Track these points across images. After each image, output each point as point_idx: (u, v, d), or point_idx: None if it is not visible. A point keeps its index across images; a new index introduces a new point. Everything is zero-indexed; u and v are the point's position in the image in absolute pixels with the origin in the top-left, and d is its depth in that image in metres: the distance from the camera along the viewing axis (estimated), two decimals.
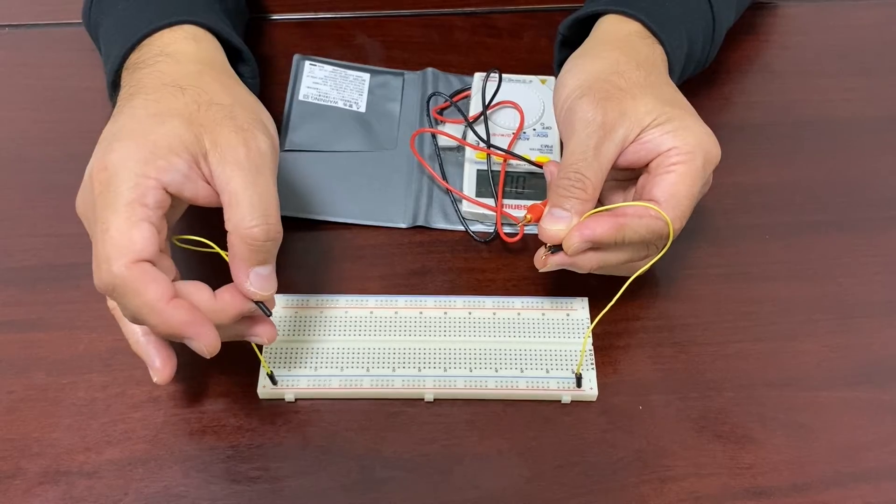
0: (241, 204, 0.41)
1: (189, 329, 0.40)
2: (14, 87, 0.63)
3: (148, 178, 0.40)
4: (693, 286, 0.54)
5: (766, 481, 0.46)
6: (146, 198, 0.40)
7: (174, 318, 0.40)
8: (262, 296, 0.42)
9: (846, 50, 0.67)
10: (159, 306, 0.39)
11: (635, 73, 0.48)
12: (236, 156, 0.41)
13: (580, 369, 0.49)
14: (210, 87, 0.44)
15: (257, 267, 0.42)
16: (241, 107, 0.44)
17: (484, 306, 0.52)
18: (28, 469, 0.46)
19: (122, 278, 0.39)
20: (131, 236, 0.39)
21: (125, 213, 0.39)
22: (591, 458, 0.47)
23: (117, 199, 0.40)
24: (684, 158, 0.46)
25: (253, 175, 0.41)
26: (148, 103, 0.43)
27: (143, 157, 0.40)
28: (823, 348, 0.51)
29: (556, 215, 0.46)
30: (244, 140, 0.42)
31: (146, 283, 0.39)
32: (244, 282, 0.42)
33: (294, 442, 0.47)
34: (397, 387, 0.48)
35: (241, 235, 0.41)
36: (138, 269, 0.39)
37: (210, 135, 0.42)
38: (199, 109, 0.43)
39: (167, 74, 0.45)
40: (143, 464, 0.46)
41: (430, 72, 0.63)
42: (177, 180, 0.41)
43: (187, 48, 0.48)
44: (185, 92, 0.44)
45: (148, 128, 0.42)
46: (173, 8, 0.50)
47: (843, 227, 0.57)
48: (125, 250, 0.39)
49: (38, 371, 0.49)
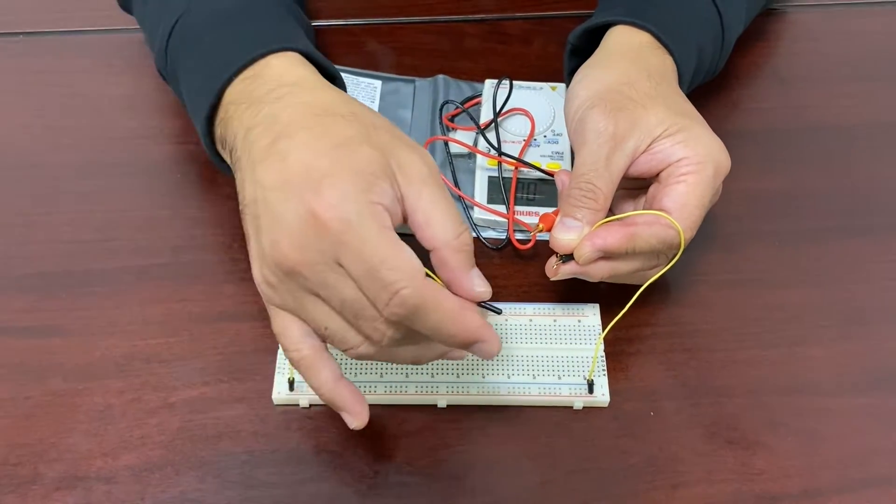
0: (441, 219, 0.40)
1: (485, 332, 0.40)
2: (29, 94, 0.63)
3: (375, 205, 0.39)
4: (703, 292, 0.54)
5: (776, 487, 0.47)
6: (387, 222, 0.39)
7: (473, 324, 0.40)
8: (490, 293, 0.42)
9: (855, 56, 0.67)
10: (457, 315, 0.39)
11: (646, 84, 0.49)
12: (421, 174, 0.41)
13: (592, 375, 0.49)
14: (361, 111, 0.43)
15: (474, 269, 0.42)
16: (393, 127, 0.43)
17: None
18: (46, 474, 0.46)
19: (423, 297, 0.38)
20: (406, 257, 0.39)
21: (385, 240, 0.38)
22: (602, 464, 0.47)
23: (370, 231, 0.38)
24: (695, 169, 0.47)
25: (439, 189, 0.41)
26: (318, 136, 0.41)
27: (362, 188, 0.39)
28: (834, 354, 0.52)
29: (567, 225, 0.47)
30: (421, 157, 0.41)
31: (442, 295, 0.39)
32: (472, 287, 0.41)
33: (308, 447, 0.47)
34: (410, 393, 0.49)
35: (454, 246, 0.40)
36: (429, 284, 0.39)
37: (393, 157, 0.41)
38: (370, 134, 0.41)
39: (311, 105, 0.43)
40: (159, 469, 0.46)
41: (441, 79, 0.63)
42: (390, 204, 0.40)
43: (305, 75, 0.46)
44: (347, 119, 0.42)
45: (346, 158, 0.40)
46: (273, 35, 0.47)
47: (854, 233, 0.57)
48: (410, 271, 0.38)
49: (55, 377, 0.49)
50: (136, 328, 0.51)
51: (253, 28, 0.49)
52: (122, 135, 0.60)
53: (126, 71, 0.64)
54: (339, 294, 0.39)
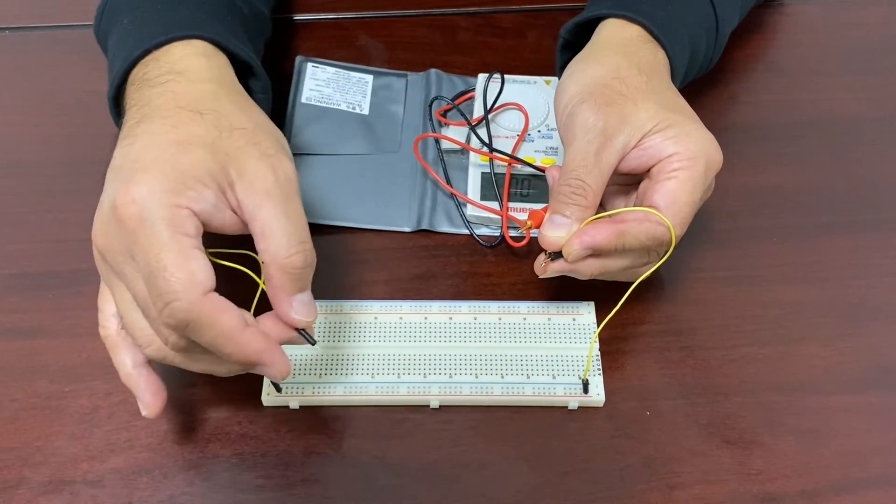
0: (276, 234, 0.40)
1: (265, 356, 0.40)
2: (15, 91, 0.63)
3: (181, 209, 0.39)
4: (700, 290, 0.53)
5: (775, 487, 0.46)
6: (186, 228, 0.39)
7: (250, 346, 0.39)
8: (307, 322, 0.42)
9: (854, 49, 0.66)
10: (235, 336, 0.39)
11: (637, 79, 0.48)
12: (265, 185, 0.40)
13: (587, 375, 0.48)
14: (228, 111, 0.43)
15: (298, 294, 0.41)
16: (262, 131, 0.43)
17: (489, 311, 0.51)
18: (31, 478, 0.45)
19: (197, 313, 0.38)
20: (191, 269, 0.38)
21: (176, 247, 0.38)
22: (598, 464, 0.47)
23: (159, 234, 0.38)
24: (686, 164, 0.46)
25: (284, 203, 0.40)
26: (167, 129, 0.41)
27: (172, 188, 0.39)
28: (832, 352, 0.51)
29: (556, 222, 0.46)
30: (272, 167, 0.41)
31: (219, 314, 0.38)
32: (288, 310, 0.41)
33: (298, 450, 0.47)
34: (402, 394, 0.48)
35: (281, 265, 0.40)
36: (208, 301, 0.38)
37: (235, 164, 0.40)
38: (221, 136, 0.41)
39: (181, 95, 0.43)
40: (147, 472, 0.46)
41: (433, 73, 0.62)
42: (206, 210, 0.40)
43: (198, 65, 0.46)
44: (203, 117, 0.42)
45: (172, 157, 0.40)
46: (181, 21, 0.48)
47: (852, 228, 0.56)
48: (190, 285, 0.38)
49: (41, 379, 0.49)
50: None
51: (167, 13, 0.49)
52: (109, 132, 0.59)
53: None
54: (132, 287, 0.40)
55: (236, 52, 0.49)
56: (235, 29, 0.52)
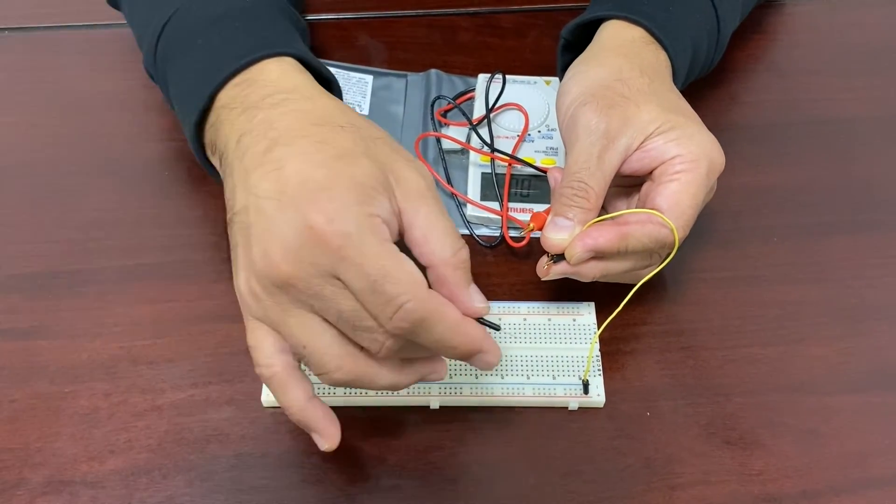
0: (440, 235, 0.40)
1: (487, 342, 0.40)
2: (17, 91, 0.63)
3: (374, 218, 0.38)
4: (701, 290, 0.53)
5: (775, 488, 0.46)
6: (385, 234, 0.39)
7: (475, 334, 0.40)
8: (488, 308, 0.41)
9: (855, 49, 0.66)
10: (462, 326, 0.39)
11: (639, 81, 0.48)
12: (419, 188, 0.40)
13: (587, 375, 0.48)
14: (360, 123, 0.42)
15: (472, 285, 0.41)
16: (392, 139, 0.43)
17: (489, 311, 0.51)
18: (31, 479, 0.45)
19: (427, 310, 0.38)
20: (409, 269, 0.38)
21: (386, 251, 0.38)
22: (598, 465, 0.46)
23: (371, 245, 0.37)
24: (688, 167, 0.46)
25: (437, 204, 0.41)
26: (319, 146, 0.40)
27: (361, 200, 0.38)
28: (833, 352, 0.51)
29: (558, 224, 0.46)
30: (418, 171, 0.41)
31: (446, 307, 0.39)
32: (469, 302, 0.40)
33: (298, 451, 0.47)
34: (402, 394, 0.48)
35: (453, 264, 0.40)
36: (432, 296, 0.39)
37: (392, 171, 0.40)
38: (368, 146, 0.40)
39: (310, 113, 0.42)
40: (146, 473, 0.46)
41: (433, 73, 0.62)
42: (387, 217, 0.39)
43: (303, 81, 0.44)
44: (345, 130, 0.41)
45: (343, 171, 0.39)
46: (268, 39, 0.46)
47: (853, 229, 0.56)
48: (413, 284, 0.38)
49: (41, 379, 0.49)
50: (122, 329, 0.50)
51: (247, 31, 0.47)
52: (108, 132, 0.60)
53: (113, 67, 0.63)
54: (335, 307, 0.38)
55: (318, 68, 0.47)
56: (300, 40, 0.50)
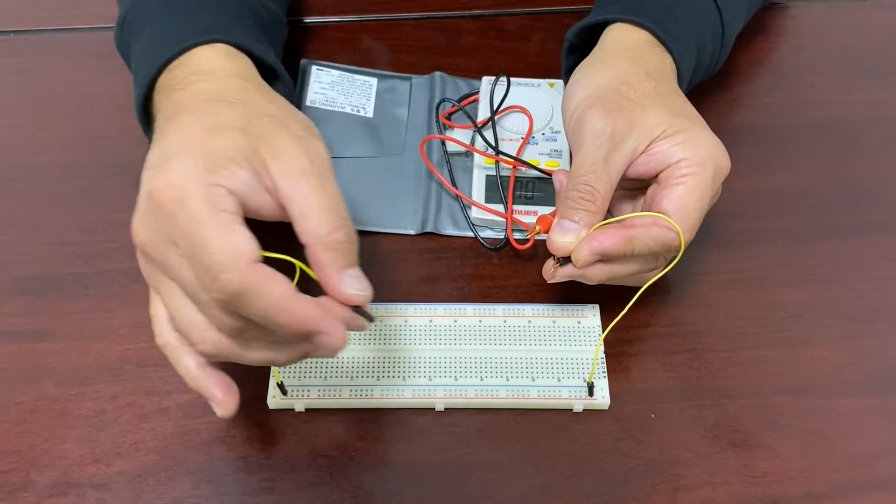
0: (315, 211, 0.39)
1: (322, 323, 0.38)
2: (18, 94, 0.63)
3: (217, 187, 0.38)
4: (705, 292, 0.53)
5: (780, 490, 0.46)
6: (224, 204, 0.38)
7: (305, 313, 0.38)
8: (363, 297, 0.40)
9: (859, 50, 0.66)
10: (287, 303, 0.38)
11: (645, 84, 0.48)
12: (300, 163, 0.40)
13: (592, 378, 0.48)
14: (256, 100, 0.43)
15: (349, 269, 0.40)
16: (291, 117, 0.43)
17: (494, 314, 0.51)
18: (38, 481, 0.45)
19: (246, 282, 0.37)
20: (234, 241, 0.37)
21: (216, 221, 0.37)
22: (603, 467, 0.47)
23: (199, 212, 0.37)
24: (694, 170, 0.46)
25: (320, 181, 0.40)
26: (196, 119, 0.41)
27: (205, 168, 0.38)
28: (838, 354, 0.51)
29: (565, 227, 0.46)
30: (304, 148, 0.40)
31: (269, 281, 0.37)
32: (341, 287, 0.39)
33: (304, 453, 0.47)
34: (408, 397, 0.48)
35: (325, 243, 0.39)
36: (256, 270, 0.37)
37: (268, 145, 0.40)
38: (251, 121, 0.41)
39: (209, 91, 0.43)
40: (153, 475, 0.46)
41: (437, 76, 0.62)
42: (242, 190, 0.39)
43: (223, 64, 0.46)
44: (232, 105, 0.42)
45: (203, 141, 0.39)
46: (203, 27, 0.48)
47: (857, 230, 0.56)
48: (236, 255, 0.37)
49: (47, 382, 0.49)
50: (128, 332, 0.50)
51: (189, 20, 0.48)
52: (114, 135, 0.59)
53: (119, 70, 0.62)
54: (179, 276, 0.38)
55: (259, 55, 0.49)
56: (256, 33, 0.51)
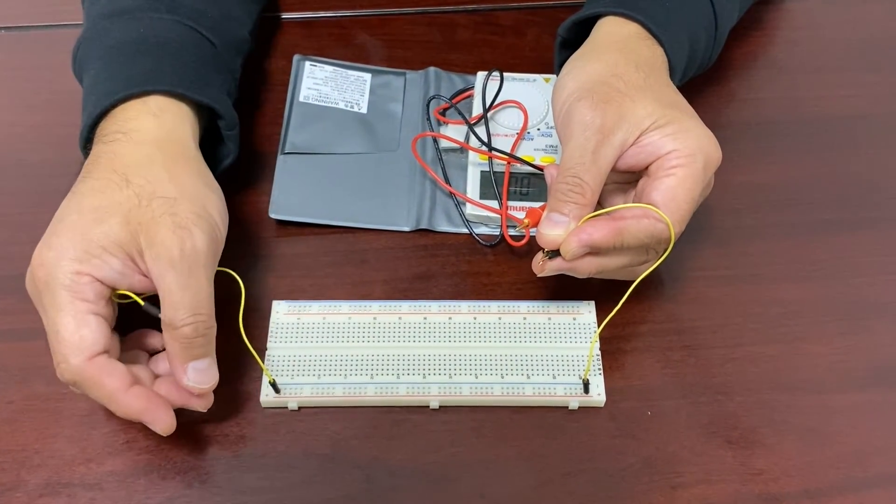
0: (173, 303, 0.42)
1: (146, 415, 0.43)
2: (12, 91, 0.62)
3: (82, 276, 0.42)
4: (700, 288, 0.53)
5: (777, 487, 0.46)
6: (85, 293, 0.42)
7: (132, 406, 0.43)
8: (202, 389, 0.44)
9: (855, 45, 0.66)
10: (118, 396, 0.42)
11: (635, 76, 0.48)
12: (170, 255, 0.43)
13: (588, 375, 0.48)
14: (157, 178, 0.45)
15: (194, 362, 0.43)
16: (185, 199, 0.45)
17: (489, 311, 0.51)
18: (29, 481, 0.45)
19: (81, 375, 0.42)
20: (82, 335, 0.42)
21: (71, 312, 0.42)
22: (599, 464, 0.46)
23: (59, 298, 0.42)
24: (684, 161, 0.46)
25: (185, 275, 0.43)
26: (93, 193, 0.44)
27: (77, 256, 0.42)
28: (834, 350, 0.51)
29: (554, 220, 0.46)
30: (180, 240, 0.43)
31: (103, 377, 0.42)
32: (182, 377, 0.43)
33: (298, 451, 0.46)
34: (402, 394, 0.48)
35: (173, 335, 0.43)
36: (94, 365, 0.42)
37: (146, 234, 0.43)
38: (140, 205, 0.44)
39: (120, 157, 0.45)
40: (145, 475, 0.45)
41: (432, 71, 0.62)
42: (110, 276, 0.43)
43: (146, 125, 0.47)
44: (129, 185, 0.44)
45: (87, 225, 0.43)
46: (141, 75, 0.48)
47: (853, 226, 0.56)
48: (78, 349, 0.41)
49: (38, 381, 0.48)
50: (120, 330, 0.50)
51: (128, 66, 0.49)
52: None
53: None
54: None
55: (195, 98, 0.49)
56: (201, 68, 0.51)
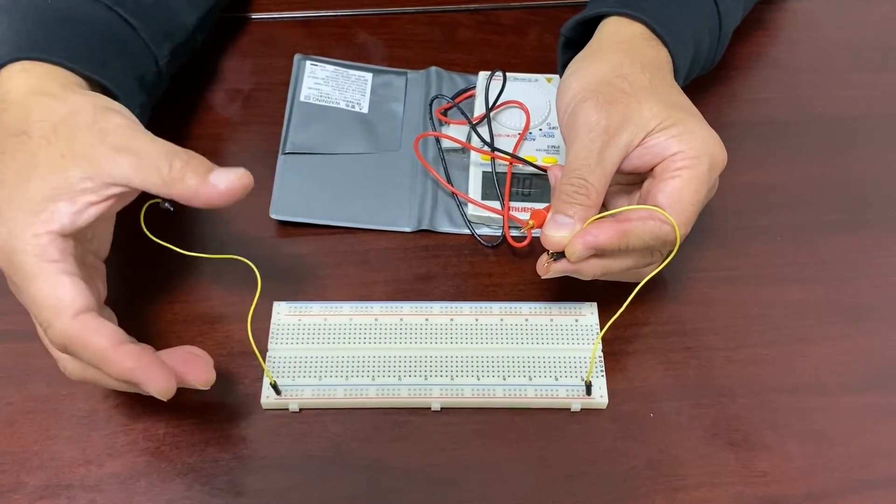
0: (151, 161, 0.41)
1: (140, 374, 0.40)
2: None
3: (38, 237, 0.40)
4: (703, 289, 0.53)
5: (780, 490, 0.45)
6: (49, 254, 0.40)
7: (124, 364, 0.40)
8: (242, 183, 0.42)
9: (857, 45, 0.66)
10: (108, 354, 0.40)
11: (640, 77, 0.47)
12: (116, 143, 0.41)
13: (590, 376, 0.48)
14: (62, 124, 0.42)
15: (210, 174, 0.42)
16: (80, 111, 0.43)
17: (491, 312, 0.51)
18: (28, 483, 0.45)
19: (68, 336, 0.40)
20: (58, 296, 0.40)
21: (42, 276, 0.40)
22: (601, 467, 0.46)
23: (26, 267, 0.40)
24: (690, 163, 0.46)
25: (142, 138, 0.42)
26: (7, 163, 0.42)
27: (25, 221, 0.41)
28: (837, 352, 0.50)
29: (559, 221, 0.46)
30: (100, 136, 0.41)
31: (90, 334, 0.40)
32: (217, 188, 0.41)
33: (298, 453, 0.46)
34: (403, 396, 0.47)
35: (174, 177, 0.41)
36: (79, 323, 0.40)
37: (86, 158, 0.41)
38: (50, 144, 0.42)
39: (11, 123, 0.43)
40: (145, 476, 0.45)
41: (433, 71, 0.62)
42: (65, 223, 0.41)
43: (17, 83, 0.44)
44: (35, 141, 0.42)
45: (18, 190, 0.41)
46: (33, 41, 0.46)
47: (856, 227, 0.56)
48: (58, 311, 0.40)
49: (38, 382, 0.48)
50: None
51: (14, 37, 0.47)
52: None
53: None
54: None
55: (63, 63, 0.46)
56: (105, 47, 0.49)
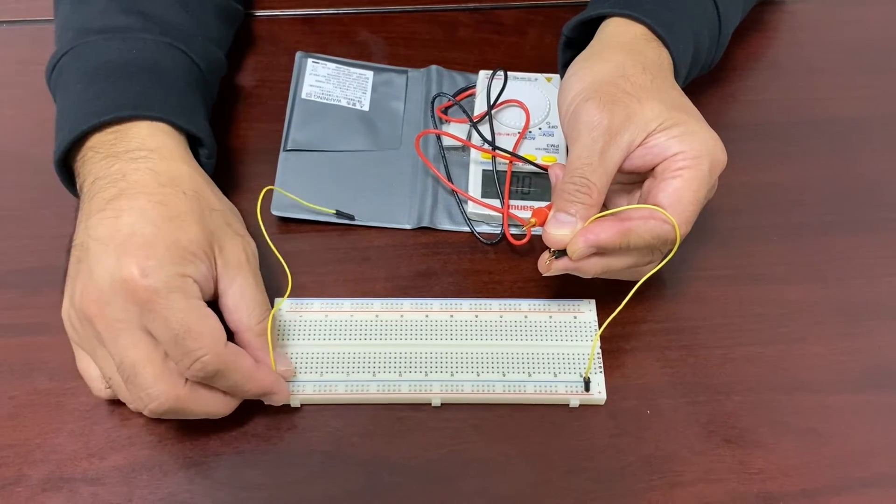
0: (248, 305, 0.46)
1: (276, 385, 0.46)
2: (13, 86, 0.62)
3: (185, 278, 0.43)
4: (701, 288, 0.53)
5: (775, 487, 0.46)
6: (194, 293, 0.43)
7: (266, 381, 0.46)
8: (291, 371, 0.47)
9: (855, 47, 0.66)
10: (253, 374, 0.45)
11: (641, 77, 0.48)
12: (238, 261, 0.46)
13: (588, 373, 0.48)
14: (205, 192, 0.47)
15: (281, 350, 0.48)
16: (231, 212, 0.49)
17: (490, 309, 0.51)
18: (31, 475, 0.45)
19: (224, 362, 0.43)
20: (211, 325, 0.43)
21: (192, 308, 0.43)
22: (599, 463, 0.47)
23: (177, 301, 0.42)
24: (690, 163, 0.46)
25: (252, 277, 0.46)
26: (158, 206, 0.45)
27: (175, 260, 0.43)
28: (833, 351, 0.51)
29: (560, 220, 0.46)
30: (243, 246, 0.47)
31: (239, 358, 0.44)
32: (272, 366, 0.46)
33: (300, 448, 0.47)
34: (404, 392, 0.48)
35: (255, 331, 0.46)
36: (229, 349, 0.44)
37: (217, 240, 0.46)
38: (203, 214, 0.46)
39: (162, 174, 0.46)
40: (147, 470, 0.46)
41: (434, 69, 0.62)
42: (201, 280, 0.44)
43: (168, 144, 0.48)
44: (186, 196, 0.46)
45: (171, 233, 0.44)
46: (142, 98, 0.49)
47: (853, 227, 0.56)
48: (214, 339, 0.43)
49: (41, 375, 0.48)
50: None
51: (123, 86, 0.49)
52: None
53: None
54: (120, 355, 0.43)
55: (189, 130, 0.50)
56: (190, 94, 0.52)
